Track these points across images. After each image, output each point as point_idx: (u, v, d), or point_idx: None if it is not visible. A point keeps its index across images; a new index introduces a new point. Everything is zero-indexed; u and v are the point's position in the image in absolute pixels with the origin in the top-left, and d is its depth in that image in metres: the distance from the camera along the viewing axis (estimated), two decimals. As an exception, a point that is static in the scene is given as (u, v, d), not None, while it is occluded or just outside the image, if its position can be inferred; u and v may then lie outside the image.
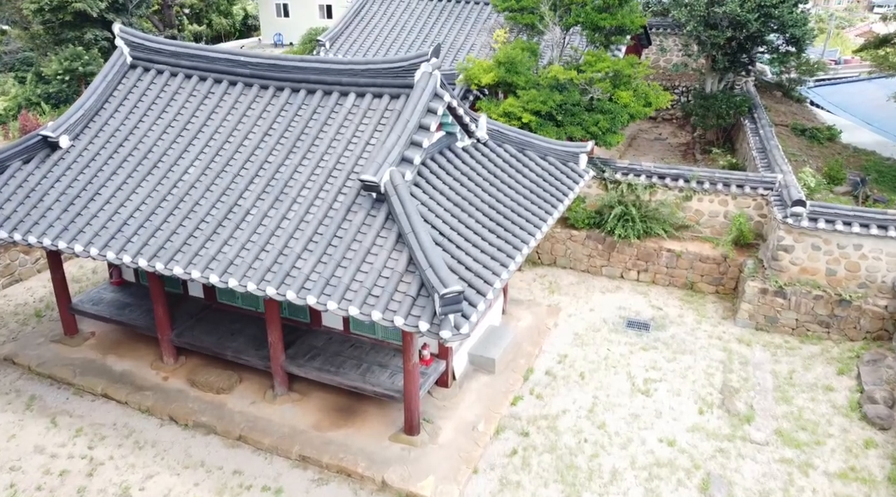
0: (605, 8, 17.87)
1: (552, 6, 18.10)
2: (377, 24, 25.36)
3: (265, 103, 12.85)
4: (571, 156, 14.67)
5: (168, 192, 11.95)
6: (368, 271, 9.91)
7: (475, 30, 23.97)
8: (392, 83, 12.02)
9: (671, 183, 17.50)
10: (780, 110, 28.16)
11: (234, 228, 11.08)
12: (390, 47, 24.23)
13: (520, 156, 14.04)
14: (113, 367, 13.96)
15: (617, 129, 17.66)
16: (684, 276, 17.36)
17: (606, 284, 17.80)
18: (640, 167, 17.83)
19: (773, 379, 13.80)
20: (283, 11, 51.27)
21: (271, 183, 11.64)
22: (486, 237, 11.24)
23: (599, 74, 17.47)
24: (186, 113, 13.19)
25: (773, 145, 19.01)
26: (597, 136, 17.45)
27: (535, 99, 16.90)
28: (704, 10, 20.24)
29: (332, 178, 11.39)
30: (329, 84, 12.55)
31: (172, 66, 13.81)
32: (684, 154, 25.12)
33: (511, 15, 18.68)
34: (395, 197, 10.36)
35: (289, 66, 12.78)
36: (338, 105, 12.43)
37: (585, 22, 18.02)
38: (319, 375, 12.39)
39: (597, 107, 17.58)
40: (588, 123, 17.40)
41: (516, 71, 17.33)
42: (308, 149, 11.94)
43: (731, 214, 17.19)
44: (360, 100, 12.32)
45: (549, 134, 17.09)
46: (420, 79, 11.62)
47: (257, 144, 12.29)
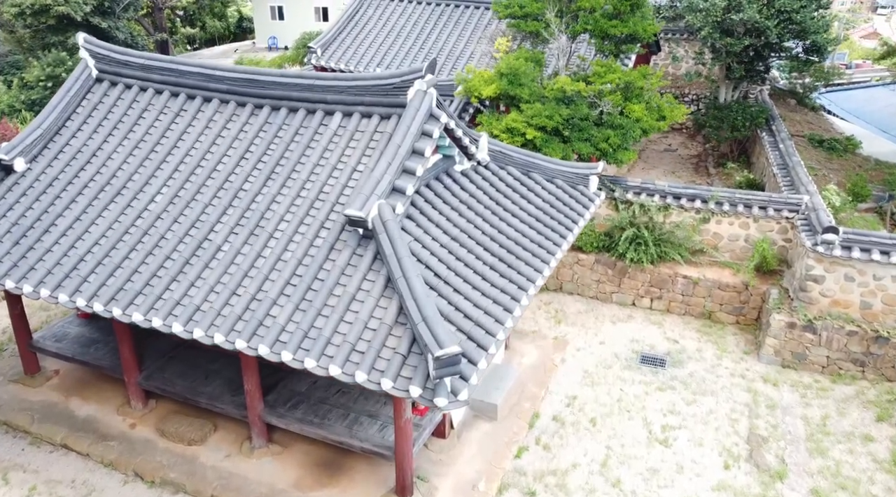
0: (615, 15, 16.66)
1: (558, 13, 16.89)
2: (372, 29, 24.16)
3: (242, 123, 11.63)
4: (581, 178, 13.46)
5: (131, 224, 10.73)
6: (353, 322, 8.68)
7: (475, 36, 22.76)
8: (382, 102, 10.80)
9: (687, 204, 16.28)
10: (795, 119, 26.96)
11: (203, 268, 9.85)
12: (385, 54, 23.03)
13: (524, 179, 12.82)
14: (76, 412, 12.73)
15: (629, 146, 16.44)
16: (702, 305, 16.13)
17: (617, 313, 16.57)
18: (654, 186, 16.61)
19: (804, 426, 12.56)
20: (277, 14, 50.10)
21: (246, 214, 10.42)
22: (488, 276, 10.01)
23: (609, 86, 16.26)
24: (156, 133, 11.97)
25: (795, 162, 17.79)
26: (607, 154, 16.24)
27: (541, 113, 15.68)
28: (721, 15, 19.04)
29: (314, 210, 10.17)
30: (312, 102, 11.33)
31: (142, 81, 12.60)
32: (696, 167, 23.90)
33: (514, 22, 17.48)
34: (383, 235, 9.14)
35: (268, 82, 11.56)
36: (322, 126, 11.21)
37: (594, 30, 16.81)
38: (302, 427, 11.16)
39: (606, 121, 16.36)
40: (597, 139, 16.19)
41: (520, 83, 16.12)
42: (288, 175, 10.72)
43: (752, 238, 15.96)
44: (346, 120, 11.10)
45: (555, 151, 15.89)
46: (413, 98, 10.41)
47: (232, 169, 11.07)
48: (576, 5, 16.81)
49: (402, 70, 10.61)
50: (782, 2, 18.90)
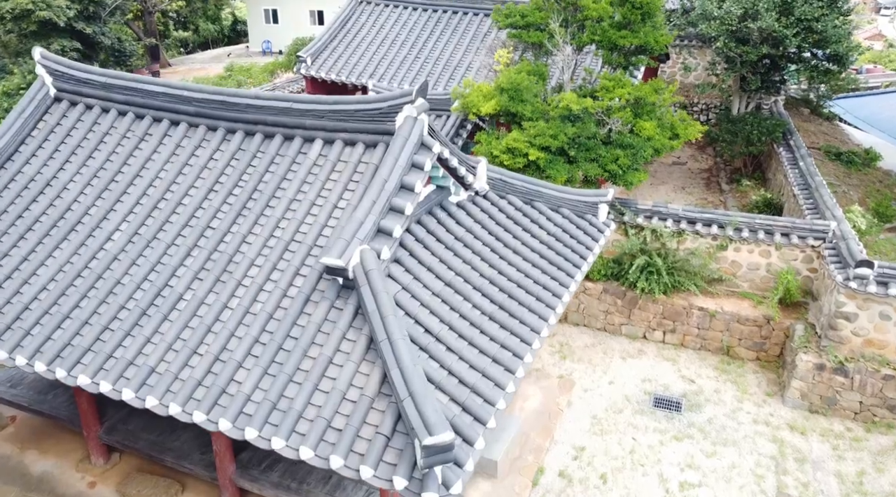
0: (624, 25, 15.50)
1: (563, 22, 15.73)
2: (365, 37, 23.01)
3: (212, 150, 10.46)
4: (589, 206, 12.30)
5: (84, 266, 9.56)
6: (329, 391, 7.51)
7: (473, 45, 21.61)
8: (367, 128, 9.64)
9: (703, 229, 15.10)
10: (809, 130, 25.81)
11: (162, 320, 8.68)
12: (379, 64, 21.88)
13: (527, 209, 11.66)
14: (31, 467, 11.57)
15: (639, 166, 15.28)
16: (719, 339, 14.95)
17: (627, 347, 15.39)
18: (667, 210, 15.43)
19: (838, 484, 11.39)
20: (271, 17, 48.95)
21: (213, 257, 9.25)
22: (487, 329, 8.85)
23: (618, 102, 15.09)
24: (117, 160, 10.81)
25: (818, 182, 16.62)
26: (615, 175, 15.08)
27: (544, 132, 14.51)
28: (736, 24, 17.87)
29: (288, 253, 9.00)
30: (290, 127, 10.17)
31: (103, 101, 11.44)
32: (707, 182, 22.74)
33: (515, 32, 16.33)
34: (366, 287, 7.96)
35: (241, 104, 10.40)
36: (300, 154, 10.05)
37: (602, 41, 15.66)
38: (277, 493, 9.97)
39: (615, 140, 15.20)
40: (605, 160, 15.02)
41: (521, 99, 14.96)
42: (261, 212, 9.55)
43: (773, 268, 14.79)
44: (327, 148, 9.93)
45: (559, 172, 14.73)
46: (402, 125, 9.24)
47: (199, 204, 9.91)
48: (582, 15, 15.65)
49: (389, 93, 9.45)
50: (802, 9, 17.75)
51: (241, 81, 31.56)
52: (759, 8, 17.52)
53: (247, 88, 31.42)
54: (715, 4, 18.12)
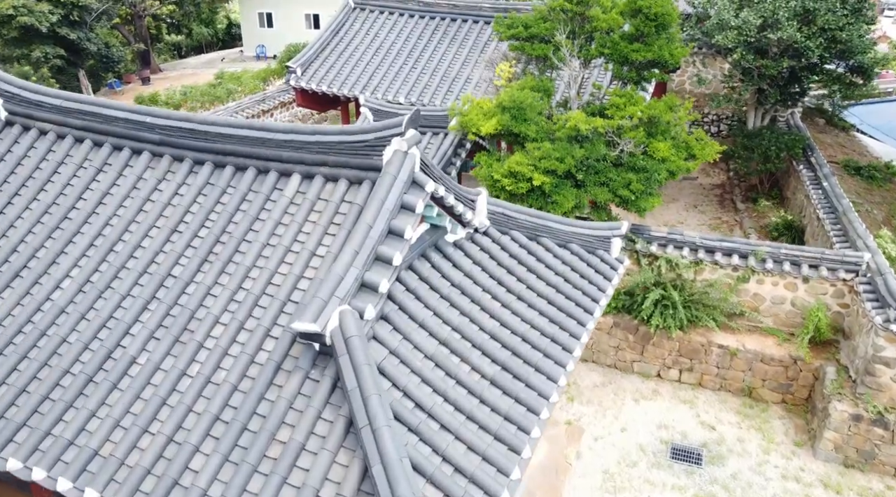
0: (636, 37, 14.35)
1: (570, 34, 14.58)
2: (359, 46, 21.86)
3: (177, 184, 9.29)
4: (600, 241, 11.13)
5: (27, 321, 8.39)
6: (300, 487, 6.34)
7: (473, 55, 20.46)
8: (351, 163, 8.47)
9: (723, 259, 13.96)
10: (826, 142, 24.65)
11: (110, 389, 7.52)
12: (373, 75, 20.72)
13: (532, 247, 10.49)
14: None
15: (653, 190, 14.12)
16: (741, 380, 13.80)
17: (640, 387, 14.23)
18: (683, 238, 14.29)
19: (881, 556, 10.24)
20: (266, 21, 47.83)
21: (172, 312, 8.08)
22: (487, 398, 7.70)
23: (629, 121, 13.94)
24: (72, 194, 9.64)
25: (846, 206, 15.47)
26: (627, 201, 13.92)
27: (550, 155, 13.36)
28: (755, 34, 16.73)
29: (258, 310, 7.84)
30: (265, 159, 9.00)
31: (59, 126, 10.27)
32: (721, 200, 21.59)
33: (518, 44, 15.18)
34: (345, 358, 6.80)
35: (211, 133, 9.23)
36: (276, 191, 8.88)
37: (612, 54, 14.51)
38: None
39: (627, 162, 14.05)
40: (616, 184, 13.87)
41: (525, 118, 13.80)
42: (229, 258, 8.38)
43: (800, 302, 13.64)
44: (306, 185, 8.76)
45: (566, 198, 13.58)
46: (391, 160, 8.08)
47: (160, 247, 8.74)
48: (590, 26, 14.52)
49: (376, 124, 8.28)
50: (825, 18, 16.61)
51: (232, 90, 30.43)
52: (779, 17, 16.38)
53: (237, 97, 30.32)
54: (731, 13, 16.98)
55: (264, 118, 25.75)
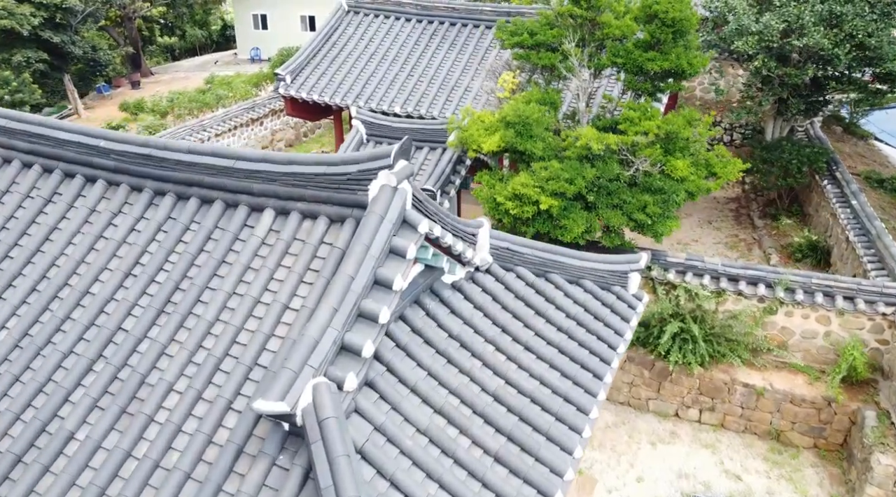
0: (652, 45, 13.19)
1: (579, 42, 13.42)
2: (352, 52, 20.70)
3: (134, 218, 8.12)
4: (617, 276, 9.97)
5: (-47, 383, 7.22)
6: None
7: (473, 61, 19.31)
8: (333, 198, 7.31)
9: (748, 289, 12.80)
10: (845, 151, 23.50)
11: (41, 473, 6.35)
12: (367, 83, 19.56)
13: (540, 285, 9.33)
14: None
15: (671, 213, 12.96)
16: (767, 422, 12.64)
17: (656, 428, 13.06)
18: (703, 265, 13.13)
19: None
20: (260, 23, 46.68)
21: (120, 375, 6.92)
22: (490, 481, 6.54)
23: (645, 137, 12.77)
24: (15, 228, 8.46)
25: (880, 229, 14.33)
26: (643, 225, 12.76)
27: (558, 175, 12.20)
28: (778, 41, 15.56)
29: (220, 375, 6.67)
30: (233, 191, 7.84)
31: (5, 149, 9.10)
32: (737, 215, 20.43)
33: (523, 53, 14.01)
34: (319, 445, 5.63)
35: (171, 160, 8.06)
36: (245, 228, 7.71)
37: (625, 63, 13.35)
38: None
39: (642, 183, 12.89)
40: (631, 207, 12.71)
41: (531, 134, 12.64)
42: (189, 311, 7.22)
43: (834, 337, 12.47)
44: (280, 222, 7.60)
45: (576, 222, 12.42)
46: (378, 197, 6.91)
47: (111, 295, 7.57)
48: (601, 33, 13.36)
49: (361, 154, 7.11)
50: (853, 24, 15.45)
51: (222, 96, 29.27)
52: (804, 22, 15.22)
53: (227, 104, 29.17)
54: (752, 18, 15.81)
55: (254, 127, 24.61)
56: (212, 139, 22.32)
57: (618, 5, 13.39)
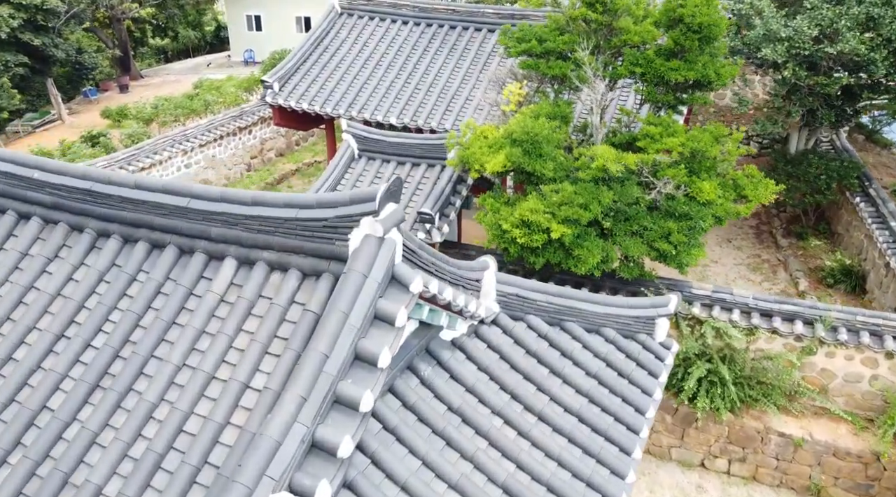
0: (675, 53, 11.91)
1: (594, 50, 12.13)
2: (345, 57, 19.41)
3: (72, 266, 6.82)
4: (643, 323, 8.68)
5: None
6: None
7: (475, 67, 18.03)
8: (306, 248, 6.01)
9: (783, 327, 11.50)
10: (868, 162, 22.18)
11: None
12: (360, 91, 18.28)
13: (554, 337, 8.04)
14: None
15: (697, 241, 11.67)
16: (806, 476, 11.34)
17: (680, 480, 11.76)
18: (732, 298, 11.85)
19: None
20: (254, 24, 45.49)
21: (39, 472, 5.61)
22: None
23: (668, 155, 11.49)
24: (-65, 275, 7.17)
25: (927, 257, 13.01)
26: (667, 255, 11.47)
27: (572, 200, 10.90)
28: (810, 47, 14.27)
29: (159, 476, 5.36)
30: (188, 236, 6.54)
31: (-72, 179, 7.81)
32: (758, 233, 19.13)
33: (530, 62, 12.72)
34: None
35: (115, 197, 6.76)
36: (202, 281, 6.41)
37: (645, 73, 12.06)
38: None
39: (664, 207, 11.60)
40: (652, 234, 11.43)
41: (540, 153, 11.35)
42: (129, 387, 5.91)
43: (882, 382, 11.20)
44: (243, 274, 6.30)
45: (591, 252, 11.13)
46: (360, 250, 5.61)
47: (36, 364, 6.26)
48: (619, 39, 12.08)
49: (339, 196, 5.81)
50: (891, 28, 14.15)
51: (210, 101, 27.98)
52: (839, 27, 13.92)
53: (215, 110, 27.89)
54: (780, 22, 14.52)
55: (242, 136, 23.31)
56: (195, 150, 21.02)
57: (637, 9, 12.11)
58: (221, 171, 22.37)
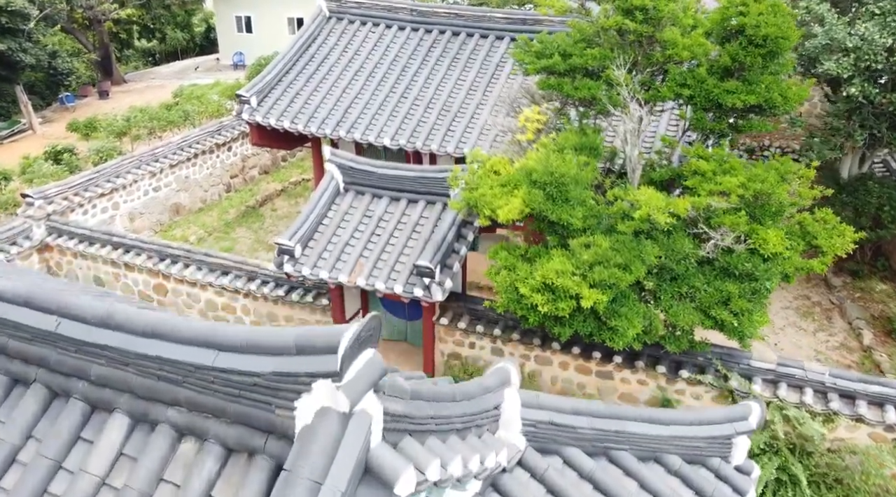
0: (731, 71, 9.73)
1: (631, 67, 9.96)
2: (332, 68, 17.23)
3: None
4: (717, 445, 6.50)
5: None
6: None
7: (482, 80, 15.86)
8: (231, 412, 3.82)
9: (870, 413, 9.31)
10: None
11: None
12: (350, 107, 16.11)
13: (598, 476, 5.86)
14: None
15: (762, 305, 9.49)
16: None
17: None
18: (803, 374, 9.66)
19: None
20: (244, 26, 43.42)
21: None
22: None
23: (724, 198, 9.30)
24: None
25: None
26: (724, 325, 9.28)
27: (607, 258, 8.73)
28: (883, 60, 12.09)
29: None
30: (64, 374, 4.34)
31: None
32: (805, 270, 16.88)
33: (552, 81, 10.53)
34: None
35: (-39, 306, 4.58)
36: (80, 444, 4.21)
37: (694, 96, 9.88)
38: None
39: (720, 263, 9.41)
40: (707, 297, 9.25)
41: (566, 197, 9.16)
42: None
43: None
44: (137, 441, 4.11)
45: (630, 321, 8.97)
46: (311, 430, 3.44)
47: None
48: (661, 55, 9.90)
49: (282, 337, 3.63)
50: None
51: (190, 112, 25.79)
52: (918, 36, 11.75)
53: (196, 122, 25.72)
54: (846, 30, 12.34)
55: (221, 153, 21.13)
56: (165, 171, 18.83)
57: (684, 17, 9.93)
58: (196, 194, 20.19)
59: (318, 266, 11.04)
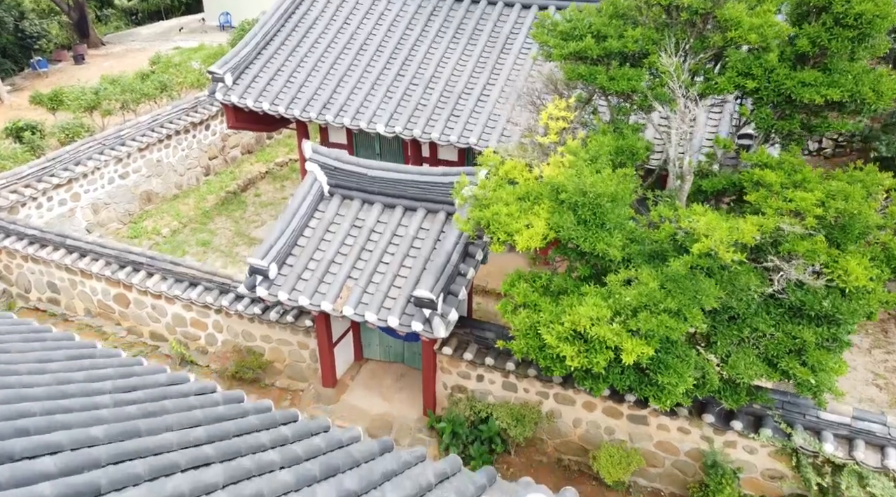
0: (806, 58, 7.82)
1: (681, 54, 8.03)
2: (319, 39, 15.19)
3: None
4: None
5: None
6: None
7: (490, 54, 13.85)
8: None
9: (970, 485, 7.66)
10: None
11: None
12: (339, 85, 14.13)
13: None
14: None
15: (840, 352, 7.76)
16: None
17: None
18: (884, 431, 7.99)
19: None
20: (232, -17, 40.77)
21: None
22: None
23: (797, 223, 7.49)
24: None
25: None
26: (798, 379, 7.57)
27: (655, 300, 6.96)
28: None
29: None
30: None
31: None
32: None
33: (581, 69, 8.58)
34: None
35: None
36: None
37: (760, 88, 7.98)
38: None
39: (790, 300, 7.65)
40: (775, 346, 7.51)
41: (602, 222, 7.35)
42: None
43: None
44: None
45: (681, 374, 7.29)
46: None
47: None
48: (720, 37, 7.96)
49: None
50: None
51: (167, 83, 23.63)
52: None
53: (174, 94, 23.63)
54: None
55: (198, 132, 19.14)
56: (133, 155, 16.90)
57: (750, -11, 7.97)
58: (170, 179, 18.28)
59: (297, 289, 9.25)
